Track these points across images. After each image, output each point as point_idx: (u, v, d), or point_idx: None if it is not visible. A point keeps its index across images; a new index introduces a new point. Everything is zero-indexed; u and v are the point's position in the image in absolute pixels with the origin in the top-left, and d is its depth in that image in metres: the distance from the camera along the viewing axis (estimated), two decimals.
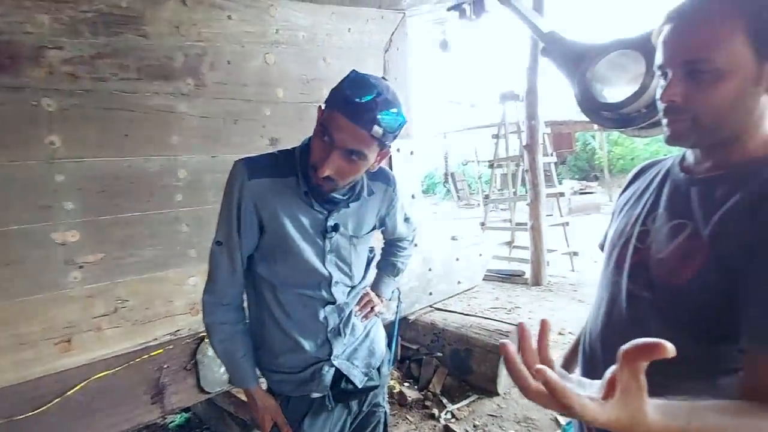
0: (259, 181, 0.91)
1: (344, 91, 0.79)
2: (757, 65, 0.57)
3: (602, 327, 0.74)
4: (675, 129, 0.63)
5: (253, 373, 1.02)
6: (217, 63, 1.69)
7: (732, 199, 0.59)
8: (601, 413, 0.40)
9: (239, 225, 0.93)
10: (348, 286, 1.03)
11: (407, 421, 2.34)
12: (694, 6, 0.60)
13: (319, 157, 0.84)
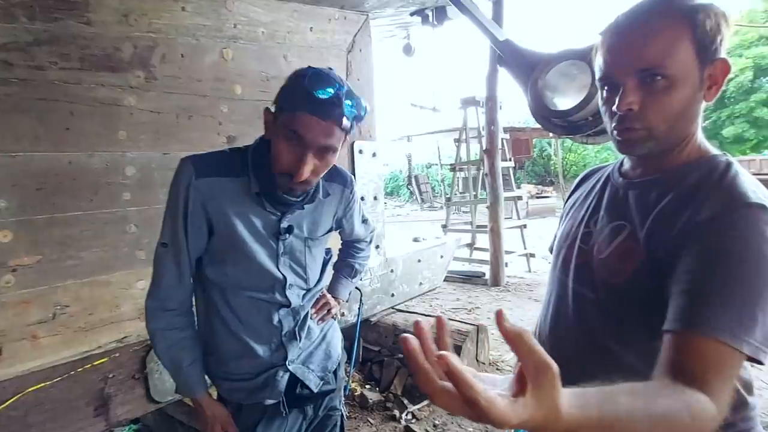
0: (208, 180, 0.87)
1: (306, 89, 0.77)
2: (700, 73, 0.61)
3: (551, 327, 0.77)
4: (631, 137, 0.64)
5: (202, 381, 0.97)
6: (170, 56, 1.61)
7: (665, 199, 0.63)
8: (511, 413, 0.34)
9: (186, 226, 0.88)
10: (303, 289, 1.01)
11: (368, 423, 2.33)
12: (642, 17, 0.62)
13: (292, 162, 0.81)
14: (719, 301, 0.51)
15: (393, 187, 22.27)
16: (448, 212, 6.76)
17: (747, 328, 0.50)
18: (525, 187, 14.64)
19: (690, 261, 0.55)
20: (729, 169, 0.61)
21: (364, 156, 2.46)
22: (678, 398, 0.46)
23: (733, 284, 0.52)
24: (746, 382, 0.65)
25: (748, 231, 0.54)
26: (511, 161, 6.22)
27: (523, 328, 0.35)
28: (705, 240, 0.55)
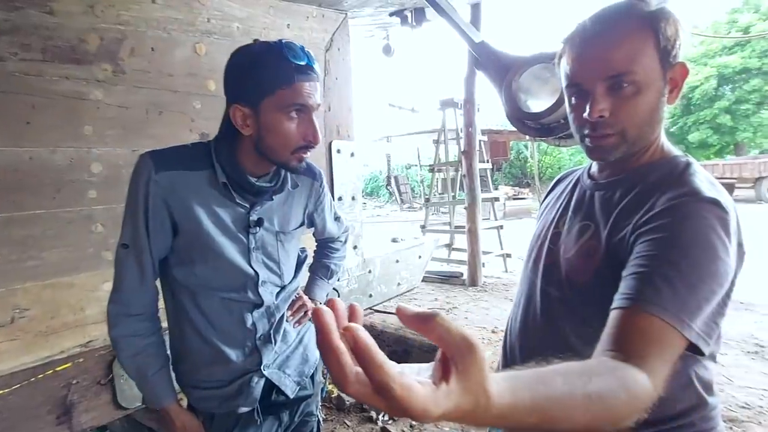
0: (169, 173, 0.82)
1: (290, 61, 0.78)
2: (663, 76, 0.63)
3: (520, 325, 0.78)
4: (603, 143, 0.65)
5: (170, 390, 0.92)
6: (139, 49, 1.56)
7: (626, 198, 0.65)
8: (432, 403, 0.29)
9: (147, 224, 0.83)
10: (277, 286, 0.97)
11: (345, 425, 2.31)
12: (607, 25, 0.63)
13: (305, 132, 0.82)
14: (666, 283, 0.52)
15: (373, 188, 22.28)
16: (427, 213, 6.80)
17: (690, 313, 0.51)
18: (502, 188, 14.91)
19: (642, 247, 0.57)
20: (688, 168, 0.64)
21: (341, 156, 2.45)
22: (614, 376, 0.45)
23: (681, 270, 0.53)
24: (706, 382, 0.66)
25: (699, 222, 0.55)
26: (488, 163, 6.32)
27: (433, 311, 0.31)
28: (658, 228, 0.57)
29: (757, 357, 2.97)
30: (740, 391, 2.52)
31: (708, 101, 17.06)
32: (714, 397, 0.67)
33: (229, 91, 0.83)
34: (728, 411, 2.31)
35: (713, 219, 0.55)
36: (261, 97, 0.79)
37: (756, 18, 16.23)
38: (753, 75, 16.22)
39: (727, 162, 13.86)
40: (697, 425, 0.64)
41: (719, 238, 0.55)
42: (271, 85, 0.78)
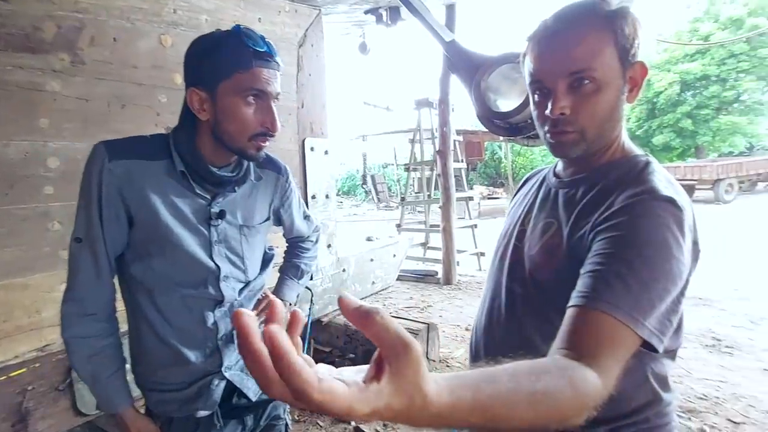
0: (123, 162, 0.79)
1: (248, 46, 0.77)
2: (623, 74, 0.64)
3: (486, 322, 0.78)
4: (564, 140, 0.66)
5: (125, 394, 0.88)
6: (100, 39, 1.49)
7: (588, 196, 0.66)
8: (358, 402, 0.28)
9: (101, 216, 0.79)
10: (241, 282, 0.93)
11: (317, 426, 2.29)
12: (568, 23, 0.64)
13: (263, 118, 0.81)
14: (620, 281, 0.53)
15: (350, 187, 22.19)
16: (402, 212, 6.82)
17: (643, 311, 0.52)
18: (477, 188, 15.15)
19: (599, 245, 0.57)
20: (647, 167, 0.65)
21: (315, 153, 2.42)
22: (563, 374, 0.45)
23: (635, 268, 0.53)
24: (661, 377, 0.67)
25: (655, 221, 0.56)
26: (463, 162, 6.40)
27: (374, 307, 0.30)
28: (615, 226, 0.57)
29: (714, 350, 3.13)
30: (698, 383, 2.64)
31: (671, 106, 17.85)
32: (669, 393, 0.68)
33: (187, 76, 0.81)
34: (687, 402, 2.42)
35: (669, 217, 0.56)
36: (218, 80, 0.78)
37: (715, 27, 17.08)
38: (712, 82, 17.07)
39: (688, 164, 14.53)
40: (652, 421, 0.65)
41: (674, 236, 0.55)
42: (228, 69, 0.77)
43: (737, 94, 16.78)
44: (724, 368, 2.84)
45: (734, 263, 5.70)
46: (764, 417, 2.26)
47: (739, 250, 6.59)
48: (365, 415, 0.29)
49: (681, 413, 2.31)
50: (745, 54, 16.21)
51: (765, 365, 2.86)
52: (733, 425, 2.20)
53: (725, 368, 2.84)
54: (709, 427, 2.18)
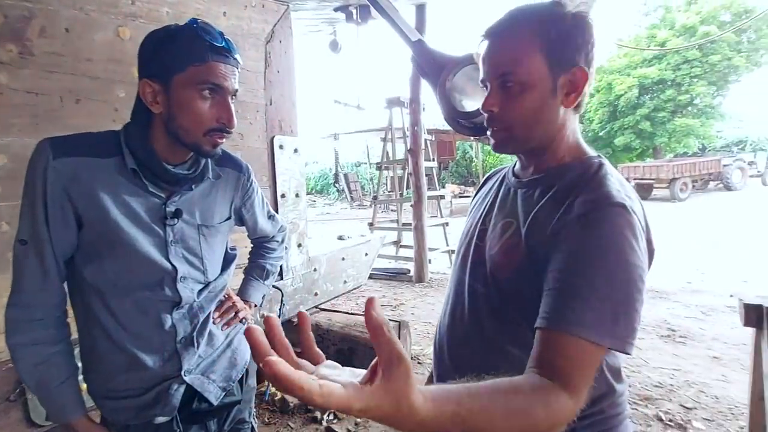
0: (69, 160, 0.75)
1: (204, 39, 0.76)
2: (552, 80, 0.66)
3: (449, 321, 0.79)
4: (496, 137, 0.70)
5: (77, 402, 0.83)
6: (51, 29, 1.40)
7: (544, 198, 0.67)
8: (355, 398, 0.34)
9: (47, 216, 0.75)
10: (200, 283, 0.90)
11: (288, 428, 2.26)
12: (502, 27, 0.67)
13: (220, 113, 0.79)
14: (582, 300, 0.55)
15: (323, 186, 21.99)
16: (375, 210, 6.83)
17: (608, 325, 0.54)
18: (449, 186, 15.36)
19: (558, 259, 0.59)
20: (600, 169, 0.67)
21: (284, 152, 2.38)
22: (536, 394, 0.49)
23: (595, 283, 0.55)
24: (615, 369, 0.70)
25: (609, 230, 0.58)
26: (434, 161, 6.46)
27: (387, 320, 0.36)
28: (572, 239, 0.59)
29: (669, 340, 3.31)
30: (654, 372, 2.78)
31: (631, 108, 18.69)
32: (622, 384, 0.71)
33: (140, 68, 0.79)
34: (644, 390, 2.55)
35: (623, 224, 0.58)
36: (172, 72, 0.76)
37: (671, 34, 18.01)
38: (668, 86, 18.01)
39: (647, 164, 15.29)
40: (606, 412, 0.68)
41: (629, 243, 0.57)
42: (183, 61, 0.75)
43: (691, 98, 17.76)
44: (678, 357, 3.01)
45: (688, 258, 6.05)
46: (713, 402, 2.41)
47: (693, 245, 7.00)
48: (359, 410, 0.34)
49: (638, 401, 2.42)
50: (698, 60, 17.19)
51: (714, 353, 3.05)
52: (686, 410, 2.33)
53: (679, 357, 3.01)
54: (664, 413, 2.30)
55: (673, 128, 17.90)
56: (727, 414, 2.29)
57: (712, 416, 2.27)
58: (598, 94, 19.76)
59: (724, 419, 2.24)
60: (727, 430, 2.15)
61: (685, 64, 17.44)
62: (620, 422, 0.69)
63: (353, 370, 0.40)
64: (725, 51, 16.76)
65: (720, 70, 17.13)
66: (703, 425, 2.19)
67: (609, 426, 0.68)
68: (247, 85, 2.12)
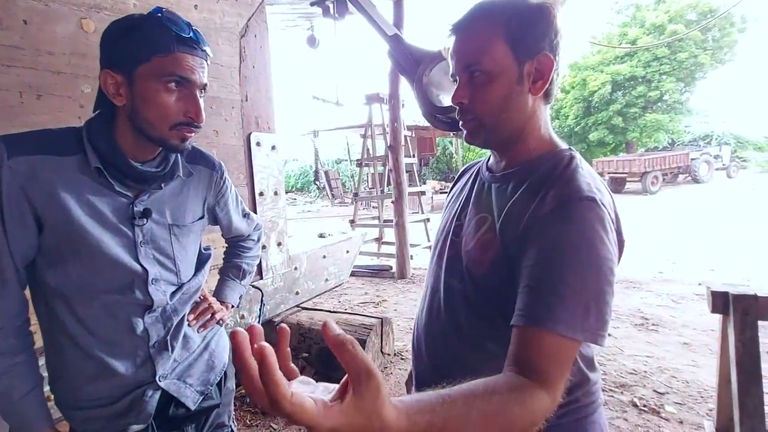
0: (26, 159, 0.71)
1: (170, 29, 0.73)
2: (518, 68, 0.66)
3: (426, 318, 0.79)
4: (467, 128, 0.71)
5: (42, 414, 0.79)
6: (7, 21, 1.32)
7: (517, 192, 0.68)
8: (323, 418, 0.34)
9: (3, 221, 0.71)
10: (173, 285, 0.87)
11: (271, 429, 2.23)
12: (467, 20, 0.68)
13: (187, 106, 0.76)
14: (555, 296, 0.55)
15: (303, 183, 21.75)
16: (356, 207, 6.80)
17: (581, 319, 0.55)
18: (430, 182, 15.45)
19: (531, 255, 0.60)
20: (571, 162, 0.68)
21: (262, 149, 2.33)
22: (513, 393, 0.50)
23: (567, 278, 0.56)
24: (588, 359, 0.71)
25: (580, 225, 0.59)
26: (415, 158, 6.48)
27: (349, 337, 0.35)
28: (544, 234, 0.60)
29: (642, 328, 3.42)
30: (628, 359, 2.87)
31: (604, 104, 19.19)
32: (595, 373, 0.72)
33: (102, 58, 0.75)
34: (619, 378, 2.63)
35: (593, 218, 0.59)
36: (135, 63, 0.72)
37: (642, 32, 18.55)
38: (639, 82, 18.56)
39: (620, 159, 15.73)
40: (581, 401, 0.69)
41: (599, 236, 0.58)
42: (147, 51, 0.72)
43: (660, 94, 18.37)
44: (650, 344, 3.11)
45: (659, 249, 6.26)
46: (684, 386, 2.51)
47: (664, 236, 7.25)
48: (330, 429, 0.34)
49: (614, 388, 2.50)
50: (667, 57, 17.78)
51: (684, 339, 3.17)
52: (659, 395, 2.42)
53: (652, 344, 3.12)
54: (638, 398, 2.38)
55: (644, 123, 18.48)
56: (696, 397, 2.38)
57: (683, 400, 2.36)
58: (573, 90, 20.21)
59: (695, 402, 2.34)
60: (697, 412, 2.24)
61: (655, 62, 18.01)
62: (594, 410, 0.70)
63: (327, 386, 0.40)
64: (692, 49, 17.39)
65: (687, 67, 17.77)
66: (675, 409, 2.27)
67: (583, 414, 0.69)
68: (222, 80, 2.06)
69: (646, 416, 2.22)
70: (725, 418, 1.74)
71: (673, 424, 2.16)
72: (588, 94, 19.51)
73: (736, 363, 1.60)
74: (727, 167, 17.72)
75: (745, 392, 1.58)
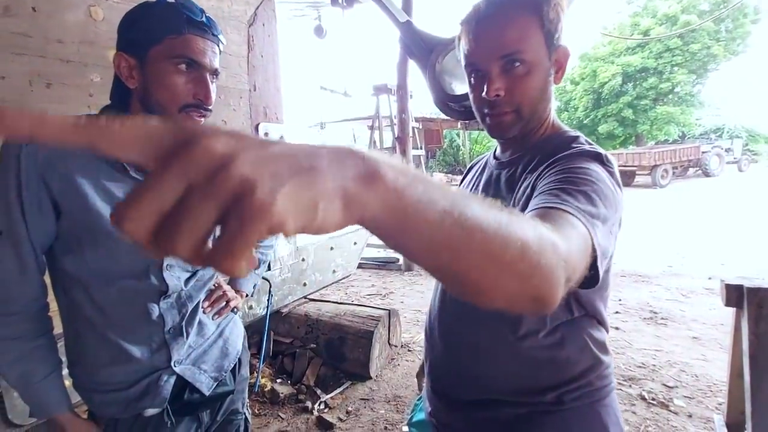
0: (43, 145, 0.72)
1: (181, 11, 0.74)
2: (549, 57, 0.67)
3: (439, 306, 0.79)
4: (502, 121, 0.69)
5: (61, 396, 0.81)
6: (16, 8, 1.32)
7: (527, 170, 0.69)
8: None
9: (23, 207, 0.72)
10: (187, 271, 0.88)
11: (279, 419, 2.25)
12: (498, 9, 0.66)
13: (196, 88, 0.76)
14: (573, 197, 0.52)
15: None
16: None
17: (594, 224, 0.49)
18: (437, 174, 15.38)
19: (545, 181, 0.59)
20: (577, 138, 0.70)
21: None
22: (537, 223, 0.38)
23: (583, 189, 0.54)
24: (600, 343, 0.72)
25: (588, 164, 0.60)
26: (422, 150, 6.45)
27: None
28: (556, 167, 0.60)
29: (651, 322, 3.40)
30: (637, 353, 2.86)
31: (614, 96, 18.93)
32: (608, 356, 0.73)
33: (117, 41, 0.77)
34: (628, 371, 2.61)
35: (599, 165, 0.60)
36: (148, 44, 0.74)
37: (654, 22, 18.20)
38: (650, 74, 18.27)
39: (629, 152, 15.56)
40: (594, 384, 0.69)
41: (607, 185, 0.58)
42: (159, 33, 0.74)
43: (672, 86, 18.07)
44: (659, 338, 3.09)
45: (669, 243, 6.20)
46: (694, 380, 2.49)
47: (673, 230, 7.17)
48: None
49: (623, 381, 2.49)
50: (679, 49, 17.46)
51: (694, 333, 3.14)
52: (667, 389, 2.40)
53: (661, 338, 3.09)
54: (647, 392, 2.37)
55: (655, 116, 18.22)
56: (706, 391, 2.37)
57: (692, 394, 2.34)
58: (583, 82, 19.94)
59: (704, 396, 2.32)
60: (706, 406, 2.22)
61: (667, 53, 17.70)
62: (607, 394, 0.71)
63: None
64: (705, 40, 17.06)
65: (700, 59, 17.45)
66: (684, 403, 2.26)
67: (597, 398, 0.69)
68: (230, 69, 2.05)
69: (654, 409, 2.21)
70: (736, 412, 1.73)
71: (682, 417, 2.14)
72: (598, 86, 19.25)
73: (750, 357, 1.58)
74: (738, 161, 17.47)
75: (757, 386, 1.56)
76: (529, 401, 0.69)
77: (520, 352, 0.68)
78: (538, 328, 0.67)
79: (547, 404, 0.68)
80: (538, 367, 0.68)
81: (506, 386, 0.70)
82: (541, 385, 0.68)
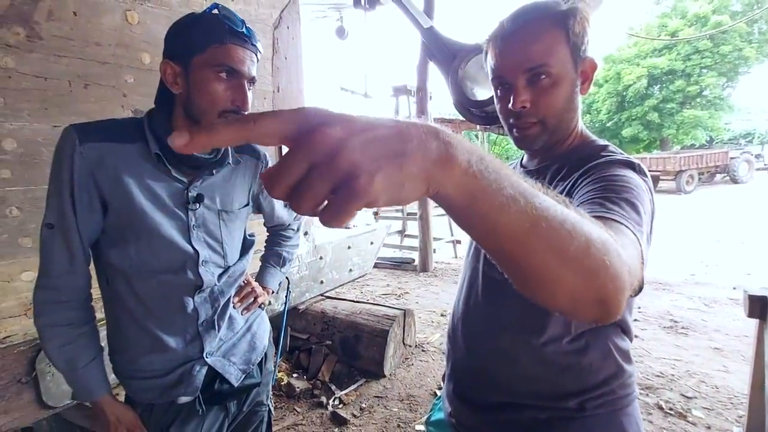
0: (96, 145, 0.77)
1: (223, 23, 0.78)
2: (575, 69, 0.69)
3: (463, 309, 0.81)
4: (528, 133, 0.71)
5: (102, 382, 0.87)
6: (59, 13, 1.40)
7: (556, 179, 0.70)
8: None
9: (73, 201, 0.77)
10: (220, 267, 0.93)
11: (294, 412, 2.30)
12: (524, 24, 0.68)
13: (234, 95, 0.80)
14: (616, 205, 0.53)
15: None
16: None
17: (640, 231, 0.50)
18: None
19: (584, 190, 0.60)
20: (607, 147, 0.71)
21: None
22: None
23: (624, 197, 0.55)
24: (624, 351, 0.72)
25: (624, 171, 0.61)
26: None
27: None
28: (592, 176, 0.61)
29: (671, 331, 3.32)
30: (656, 362, 2.80)
31: (639, 99, 18.45)
32: (631, 366, 0.72)
33: (164, 50, 0.82)
34: (645, 380, 2.57)
35: (632, 173, 0.61)
36: (192, 53, 0.78)
37: (683, 23, 17.68)
38: (678, 76, 17.74)
39: (654, 156, 15.14)
40: (617, 392, 0.69)
41: (641, 182, 0.60)
42: (203, 42, 0.78)
43: (700, 89, 17.51)
44: (679, 348, 3.02)
45: (692, 251, 6.03)
46: (713, 391, 2.43)
47: (697, 238, 6.97)
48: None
49: (640, 390, 2.45)
50: (709, 50, 16.90)
51: (716, 344, 3.06)
52: (686, 399, 2.36)
53: (681, 348, 3.03)
54: (665, 402, 2.33)
55: (682, 120, 17.69)
56: (726, 403, 2.31)
57: (711, 405, 2.29)
58: (607, 84, 19.50)
59: (724, 408, 2.26)
60: (726, 418, 2.17)
61: (696, 55, 17.16)
62: (629, 403, 0.71)
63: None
64: (736, 41, 16.46)
65: (731, 61, 16.85)
66: (703, 414, 2.21)
67: (619, 406, 0.69)
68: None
69: (671, 419, 2.18)
70: (756, 425, 1.69)
71: (700, 429, 2.10)
72: (622, 89, 18.80)
73: None
74: None
75: None
76: (551, 406, 0.69)
77: (544, 357, 0.68)
78: (562, 334, 0.67)
79: (569, 410, 0.68)
80: (560, 373, 0.68)
81: (528, 390, 0.70)
82: (563, 390, 0.68)
